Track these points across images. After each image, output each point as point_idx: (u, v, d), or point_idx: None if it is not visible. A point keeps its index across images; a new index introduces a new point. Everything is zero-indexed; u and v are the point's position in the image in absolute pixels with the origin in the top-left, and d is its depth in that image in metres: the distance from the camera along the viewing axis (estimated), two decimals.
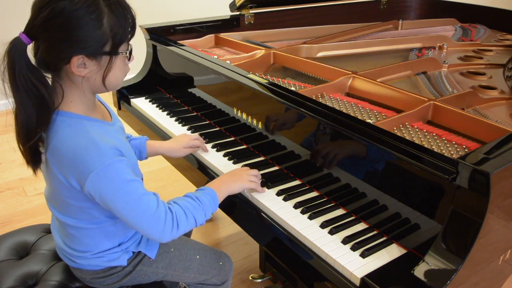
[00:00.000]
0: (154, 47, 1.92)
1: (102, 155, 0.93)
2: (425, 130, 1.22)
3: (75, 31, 0.88)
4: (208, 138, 1.51)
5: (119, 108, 1.95)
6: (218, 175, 1.33)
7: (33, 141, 0.93)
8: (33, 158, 0.97)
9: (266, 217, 1.16)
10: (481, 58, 1.96)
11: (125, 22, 0.93)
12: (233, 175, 1.20)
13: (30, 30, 0.89)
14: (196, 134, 1.49)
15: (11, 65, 0.89)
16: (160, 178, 2.66)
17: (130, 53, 0.98)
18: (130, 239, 1.14)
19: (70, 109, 0.97)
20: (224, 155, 1.41)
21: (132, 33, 0.97)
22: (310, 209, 1.14)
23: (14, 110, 0.92)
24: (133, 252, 1.15)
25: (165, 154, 1.40)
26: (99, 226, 1.06)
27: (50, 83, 0.95)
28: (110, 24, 0.90)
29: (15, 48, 0.88)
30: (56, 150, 0.95)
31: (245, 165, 1.33)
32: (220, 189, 1.13)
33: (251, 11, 2.13)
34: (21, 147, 0.96)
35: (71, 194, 0.99)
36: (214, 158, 1.41)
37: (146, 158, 1.36)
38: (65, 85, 0.96)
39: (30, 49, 0.92)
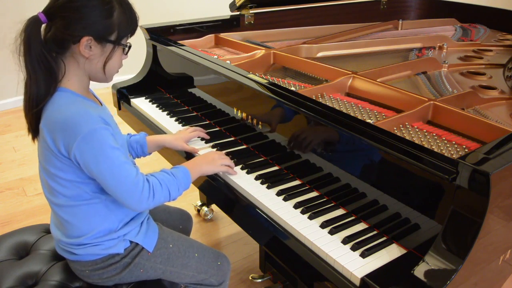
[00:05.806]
0: (154, 47, 1.92)
1: (91, 120, 1.03)
2: (425, 130, 1.22)
3: (89, 14, 1.02)
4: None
5: (119, 108, 1.95)
6: (218, 175, 1.33)
7: (40, 107, 1.05)
8: (36, 125, 1.09)
9: (266, 217, 1.16)
10: (481, 58, 1.96)
11: (130, 20, 1.10)
12: (206, 158, 1.29)
13: (49, 10, 1.03)
14: (193, 128, 1.53)
15: (27, 39, 1.01)
16: None
17: (129, 48, 1.13)
18: (126, 226, 1.16)
19: (67, 86, 1.08)
20: None
21: (132, 32, 1.13)
22: (310, 209, 1.14)
23: (25, 82, 1.06)
24: (131, 242, 1.17)
25: (165, 145, 1.47)
26: (88, 203, 1.11)
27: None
28: (119, 18, 1.06)
29: (32, 25, 1.01)
30: (50, 117, 1.05)
31: (246, 165, 1.34)
32: (193, 169, 1.22)
33: (251, 11, 2.13)
34: (27, 113, 1.07)
35: (61, 164, 1.06)
36: None
37: (150, 153, 1.43)
38: (68, 64, 1.07)
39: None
